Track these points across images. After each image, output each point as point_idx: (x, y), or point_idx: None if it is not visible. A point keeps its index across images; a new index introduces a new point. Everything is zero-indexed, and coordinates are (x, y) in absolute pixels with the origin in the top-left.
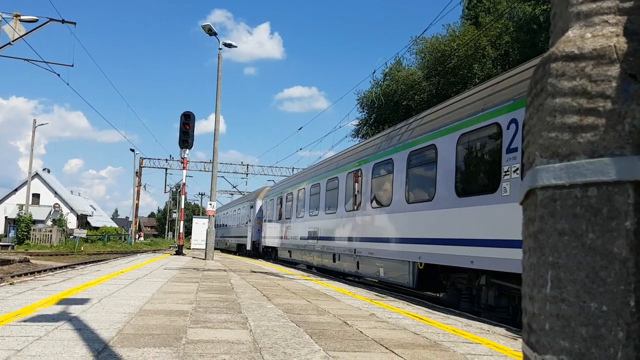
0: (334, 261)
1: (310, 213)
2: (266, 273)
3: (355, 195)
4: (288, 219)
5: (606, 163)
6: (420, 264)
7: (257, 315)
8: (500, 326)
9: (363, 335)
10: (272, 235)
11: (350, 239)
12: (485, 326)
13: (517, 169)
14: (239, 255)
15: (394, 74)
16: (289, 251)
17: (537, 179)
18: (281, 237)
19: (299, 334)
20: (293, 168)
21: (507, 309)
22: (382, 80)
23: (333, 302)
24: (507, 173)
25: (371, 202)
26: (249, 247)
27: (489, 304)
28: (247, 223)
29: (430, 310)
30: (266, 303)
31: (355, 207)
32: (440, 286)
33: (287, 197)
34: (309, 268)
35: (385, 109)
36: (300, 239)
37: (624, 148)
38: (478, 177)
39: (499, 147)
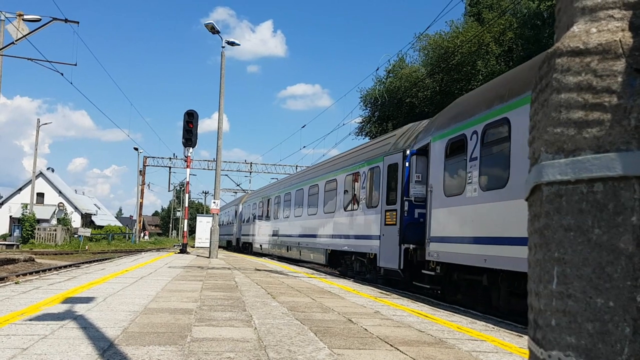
0: (287, 251)
1: (273, 217)
2: (270, 271)
3: (299, 206)
4: (259, 221)
5: (612, 158)
6: (329, 250)
7: (262, 313)
8: (507, 324)
9: (368, 333)
10: (248, 233)
11: (297, 236)
12: (490, 323)
13: (365, 198)
14: (229, 250)
15: (397, 71)
16: (260, 245)
17: (542, 174)
18: (254, 235)
19: (303, 331)
20: (297, 166)
21: (365, 273)
22: (385, 77)
23: (337, 299)
24: (361, 199)
25: (308, 210)
26: (234, 243)
27: (357, 271)
28: (233, 223)
29: (435, 308)
30: (270, 301)
31: (299, 214)
32: (340, 264)
33: (258, 205)
34: (280, 259)
35: (389, 106)
36: (267, 236)
37: (630, 143)
38: (351, 199)
39: (358, 184)
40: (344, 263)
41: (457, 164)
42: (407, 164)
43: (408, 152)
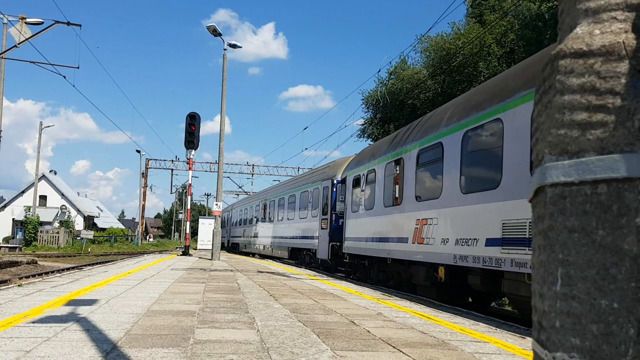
0: (263, 249)
1: (254, 222)
2: (272, 273)
3: (271, 214)
4: (244, 225)
5: (616, 160)
6: (290, 247)
7: (264, 315)
8: (510, 325)
9: (370, 335)
10: (235, 235)
11: (270, 237)
12: (493, 325)
13: (311, 210)
14: (222, 250)
15: (399, 72)
16: (244, 245)
17: (546, 176)
18: (240, 237)
19: (306, 333)
20: (298, 168)
21: (311, 263)
22: (387, 79)
23: (340, 301)
24: (309, 210)
25: (278, 217)
26: (225, 245)
27: (307, 262)
28: (226, 227)
29: (438, 310)
30: (273, 303)
31: (272, 220)
32: (297, 257)
33: (244, 211)
34: (261, 256)
35: (391, 108)
36: (250, 237)
37: (633, 144)
38: (303, 210)
39: (307, 199)
40: (299, 256)
41: (357, 192)
42: (334, 189)
43: (335, 180)
